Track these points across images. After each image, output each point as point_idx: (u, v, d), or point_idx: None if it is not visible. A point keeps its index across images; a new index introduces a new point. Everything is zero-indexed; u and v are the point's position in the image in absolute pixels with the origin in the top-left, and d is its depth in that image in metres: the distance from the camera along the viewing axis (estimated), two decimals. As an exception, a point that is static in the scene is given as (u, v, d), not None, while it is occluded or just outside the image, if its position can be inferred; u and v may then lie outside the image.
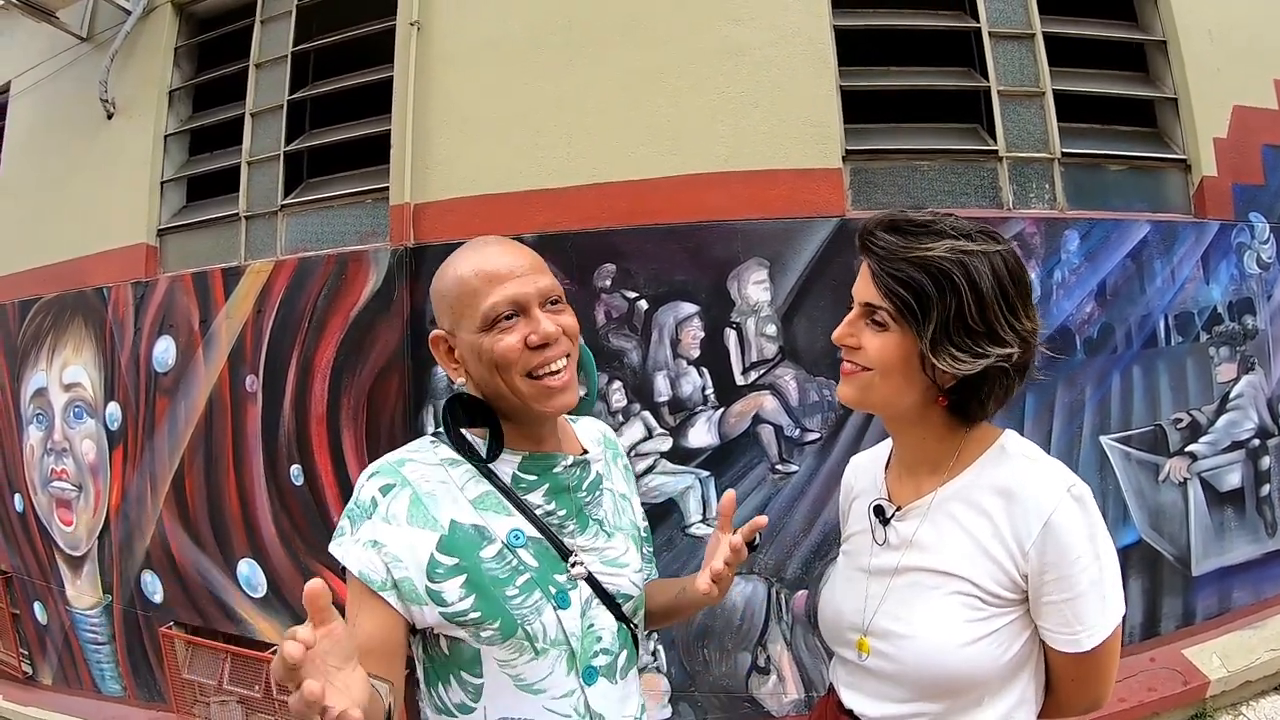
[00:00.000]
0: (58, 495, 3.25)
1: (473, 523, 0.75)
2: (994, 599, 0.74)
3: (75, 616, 3.23)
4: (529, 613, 0.73)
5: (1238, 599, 2.52)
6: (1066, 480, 0.74)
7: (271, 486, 2.65)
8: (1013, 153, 2.43)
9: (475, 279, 0.75)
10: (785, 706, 2.23)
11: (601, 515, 0.85)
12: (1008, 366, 0.73)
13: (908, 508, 0.82)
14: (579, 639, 0.76)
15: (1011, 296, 0.73)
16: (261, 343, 2.67)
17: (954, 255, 0.72)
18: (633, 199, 2.30)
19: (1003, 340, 0.72)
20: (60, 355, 3.26)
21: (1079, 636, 0.73)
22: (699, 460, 2.24)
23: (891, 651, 0.78)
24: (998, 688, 0.75)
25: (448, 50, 2.54)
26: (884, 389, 0.77)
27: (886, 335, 0.75)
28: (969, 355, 0.72)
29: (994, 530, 0.75)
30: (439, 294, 0.80)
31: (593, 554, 0.81)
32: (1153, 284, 2.46)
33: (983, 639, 0.73)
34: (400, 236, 2.48)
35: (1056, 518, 0.71)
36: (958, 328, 0.72)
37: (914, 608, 0.77)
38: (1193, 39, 2.56)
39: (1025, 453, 0.79)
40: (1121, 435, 2.39)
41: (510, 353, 0.74)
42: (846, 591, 0.86)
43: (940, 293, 0.72)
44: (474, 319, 0.75)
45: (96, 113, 3.21)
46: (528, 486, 0.79)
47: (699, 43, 2.35)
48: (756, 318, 2.23)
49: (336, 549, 0.74)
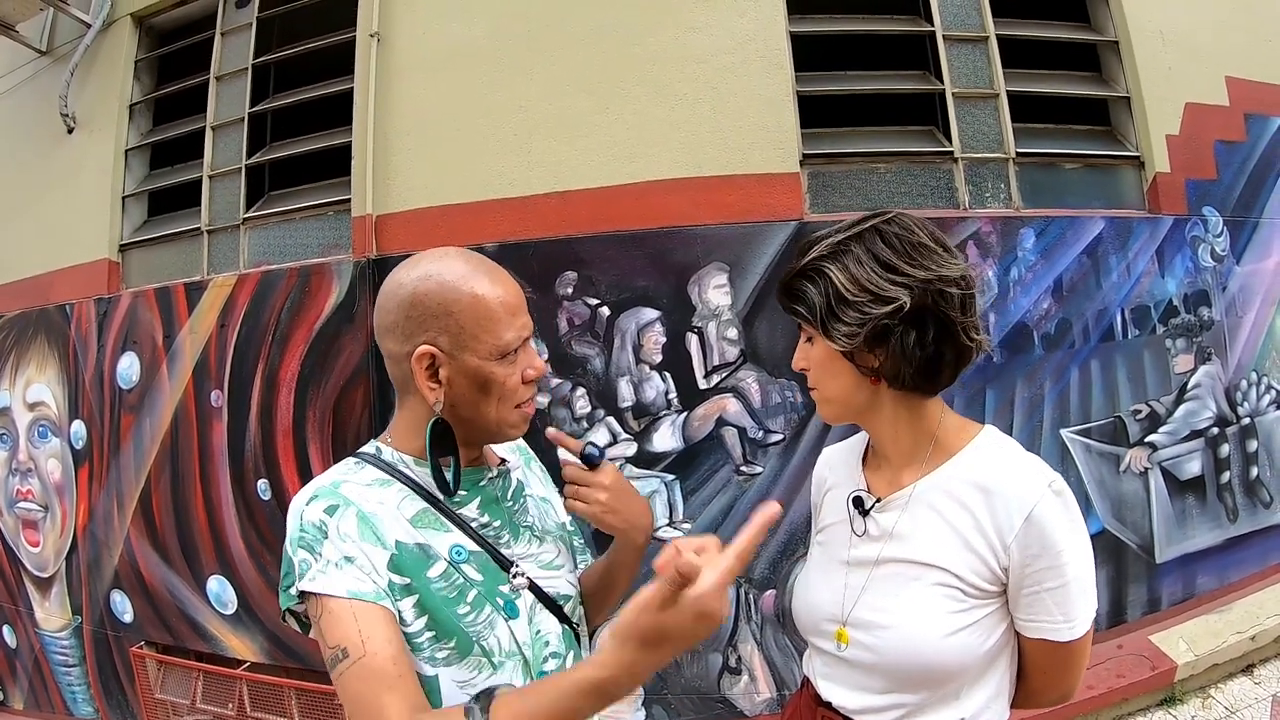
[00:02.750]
0: (24, 516, 3.20)
1: (415, 541, 0.73)
2: (975, 590, 0.75)
3: (45, 639, 3.18)
4: (483, 628, 0.74)
5: (1202, 584, 2.56)
6: (1047, 476, 0.75)
7: (239, 502, 2.63)
8: (968, 154, 2.46)
9: (499, 308, 0.73)
10: (758, 706, 2.24)
11: (530, 521, 0.85)
12: (907, 325, 0.74)
13: (887, 499, 0.82)
14: (530, 646, 0.76)
15: (889, 258, 0.75)
16: (226, 357, 2.65)
17: (826, 250, 0.78)
18: (593, 206, 2.31)
19: (885, 298, 0.74)
20: (24, 374, 3.21)
21: (1061, 627, 0.74)
22: (664, 464, 2.25)
23: (872, 642, 0.78)
24: (975, 678, 0.76)
25: (408, 61, 2.54)
26: (829, 392, 0.81)
27: (814, 344, 0.81)
28: (854, 325, 0.75)
29: (975, 523, 0.75)
30: (435, 304, 0.72)
31: (529, 560, 0.82)
32: (1109, 279, 2.50)
33: (963, 630, 0.74)
34: (362, 248, 2.47)
35: (1038, 512, 0.72)
36: (838, 304, 0.76)
37: (895, 599, 0.77)
38: (1144, 39, 2.62)
39: (1005, 448, 0.80)
40: (1082, 428, 2.43)
41: (516, 387, 0.76)
42: (823, 583, 0.86)
43: (818, 287, 0.78)
44: (489, 346, 0.73)
45: (57, 127, 3.17)
46: (460, 501, 0.79)
47: (657, 50, 2.37)
48: (718, 321, 2.24)
49: (310, 585, 0.67)
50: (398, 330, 0.74)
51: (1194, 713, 2.29)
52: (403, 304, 0.73)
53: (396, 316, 0.74)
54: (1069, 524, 0.73)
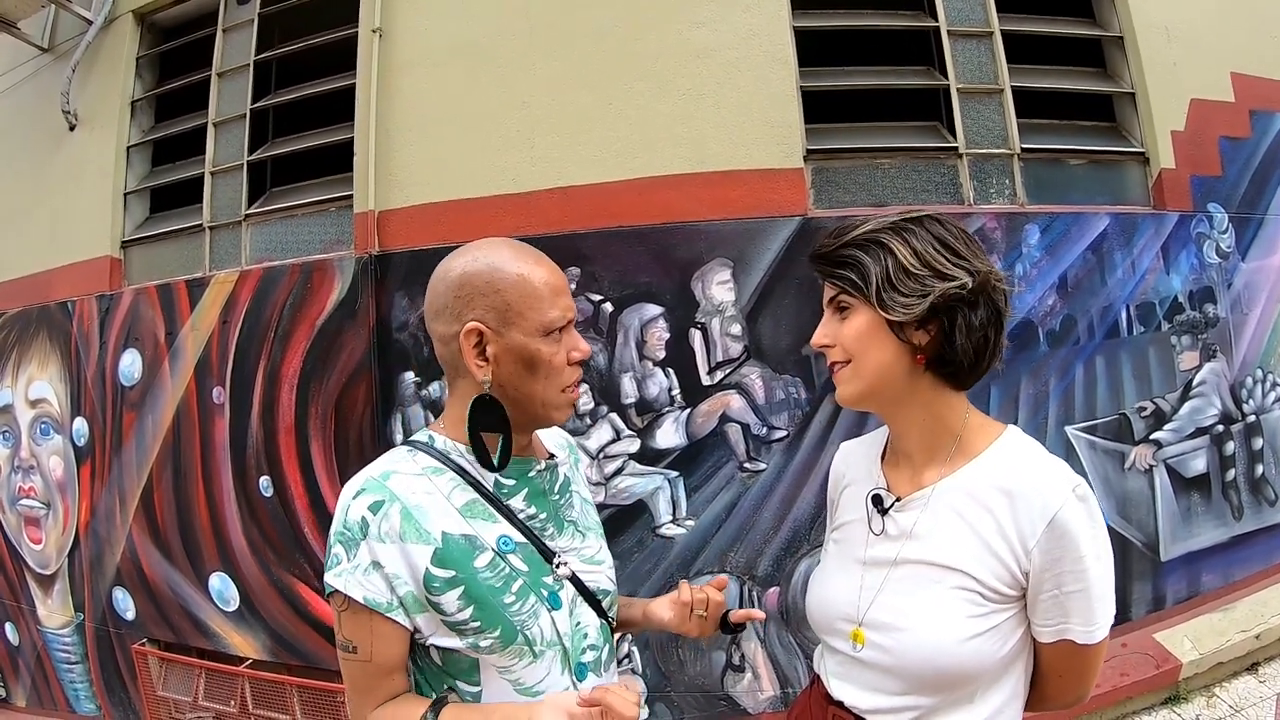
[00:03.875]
0: (26, 513, 3.20)
1: (463, 533, 0.75)
2: (994, 595, 0.74)
3: (47, 636, 3.18)
4: (527, 618, 0.75)
5: (1206, 583, 2.55)
6: (1071, 480, 0.74)
7: (241, 499, 2.63)
8: (973, 149, 2.45)
9: (543, 285, 0.77)
10: (761, 704, 2.23)
11: (574, 516, 0.88)
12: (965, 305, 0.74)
13: (907, 499, 0.81)
14: (570, 637, 0.79)
15: (951, 242, 0.76)
16: (228, 354, 2.64)
17: (884, 224, 0.78)
18: (596, 202, 2.30)
19: (948, 275, 0.74)
20: (25, 371, 3.20)
21: (1079, 631, 0.73)
22: (667, 461, 2.24)
23: (888, 644, 0.77)
24: (990, 682, 0.76)
25: (410, 57, 2.53)
26: (864, 368, 0.78)
27: (852, 316, 0.79)
28: (916, 297, 0.74)
29: (996, 526, 0.74)
30: (483, 283, 0.75)
31: (572, 554, 0.83)
32: (1114, 275, 2.49)
33: (982, 634, 0.73)
34: (365, 244, 2.46)
35: (1061, 517, 0.71)
36: (899, 274, 0.75)
37: (913, 600, 0.77)
38: (1150, 35, 2.60)
39: (1029, 450, 0.79)
40: (1086, 425, 2.42)
41: (561, 366, 0.78)
42: (840, 582, 0.85)
43: (876, 257, 0.76)
44: (534, 323, 0.76)
45: (58, 124, 3.16)
46: (509, 492, 0.81)
47: (661, 46, 2.36)
48: (721, 318, 2.23)
49: (336, 579, 0.73)
50: (447, 312, 0.77)
51: (1199, 711, 2.28)
52: (451, 286, 0.77)
53: (446, 299, 0.77)
54: (1092, 529, 0.72)
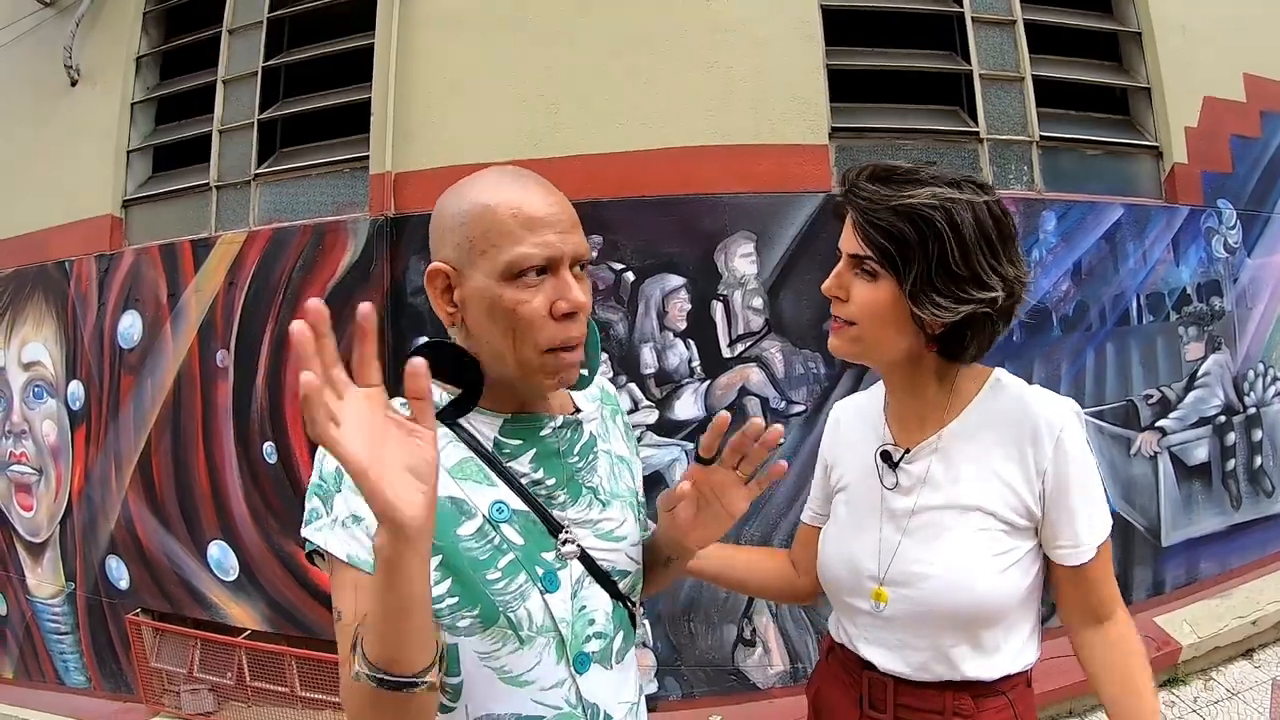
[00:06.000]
0: (16, 479, 3.11)
1: (450, 495, 0.65)
2: (1011, 528, 0.77)
3: (36, 606, 3.09)
4: (512, 598, 0.65)
5: (1205, 569, 2.60)
6: (1065, 401, 0.79)
7: (243, 465, 2.57)
8: (993, 135, 2.47)
9: (509, 217, 0.63)
10: (771, 678, 2.23)
11: (595, 482, 0.74)
12: (991, 311, 0.74)
13: (916, 448, 0.81)
14: (569, 624, 0.68)
15: (995, 242, 0.74)
16: (233, 317, 2.58)
17: (937, 201, 0.72)
18: (620, 170, 2.28)
19: (987, 285, 0.73)
20: (19, 332, 3.11)
21: (1092, 532, 0.77)
22: (685, 432, 2.23)
23: (914, 595, 0.78)
24: (1015, 618, 0.77)
25: (432, 14, 2.49)
26: (872, 339, 0.78)
27: (875, 285, 0.75)
28: (951, 301, 0.72)
29: (1008, 456, 0.77)
30: (448, 217, 0.67)
31: (586, 527, 0.72)
32: (1125, 265, 2.53)
33: (1008, 569, 0.76)
34: (380, 206, 2.42)
35: (1065, 435, 0.76)
36: (941, 274, 0.72)
37: (936, 546, 0.77)
38: (1166, 32, 2.64)
39: (1021, 384, 0.82)
40: (1095, 410, 2.45)
41: (535, 318, 0.64)
42: (858, 542, 0.84)
43: (923, 240, 0.72)
44: (494, 262, 0.63)
45: (60, 80, 3.07)
46: (512, 452, 0.69)
47: (689, 16, 2.34)
48: (743, 290, 2.23)
49: (315, 534, 0.64)
50: (430, 252, 0.68)
51: (1196, 694, 2.32)
52: (432, 222, 0.69)
53: (430, 237, 0.69)
54: (1085, 443, 0.78)
